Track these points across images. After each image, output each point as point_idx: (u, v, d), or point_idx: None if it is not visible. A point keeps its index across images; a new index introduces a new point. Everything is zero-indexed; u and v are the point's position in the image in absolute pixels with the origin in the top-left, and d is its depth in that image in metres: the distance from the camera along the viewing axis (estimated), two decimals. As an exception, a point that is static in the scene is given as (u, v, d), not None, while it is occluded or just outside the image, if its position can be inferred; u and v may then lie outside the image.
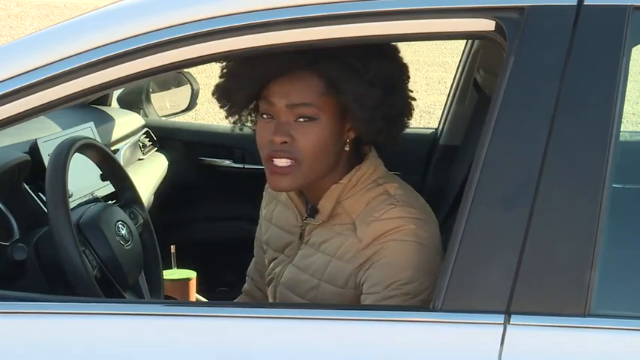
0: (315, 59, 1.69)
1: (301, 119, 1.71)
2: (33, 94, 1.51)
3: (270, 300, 1.93)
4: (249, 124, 1.85)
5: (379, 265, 1.70)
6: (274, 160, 1.73)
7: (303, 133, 1.71)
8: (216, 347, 1.45)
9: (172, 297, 2.23)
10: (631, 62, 1.43)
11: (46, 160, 2.23)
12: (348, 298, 1.74)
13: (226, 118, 1.85)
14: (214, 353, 1.44)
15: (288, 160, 1.72)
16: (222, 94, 1.82)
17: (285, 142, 1.71)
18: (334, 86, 1.70)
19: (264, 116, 1.75)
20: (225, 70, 1.80)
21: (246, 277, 2.13)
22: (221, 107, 1.84)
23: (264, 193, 2.03)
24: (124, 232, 1.95)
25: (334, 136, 1.74)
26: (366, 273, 1.71)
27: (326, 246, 1.79)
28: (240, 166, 3.29)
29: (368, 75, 1.70)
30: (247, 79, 1.74)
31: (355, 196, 1.77)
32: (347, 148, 1.77)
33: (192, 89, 3.45)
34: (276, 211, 1.96)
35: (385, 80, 1.72)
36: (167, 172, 3.17)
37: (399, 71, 1.79)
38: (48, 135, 2.45)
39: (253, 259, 2.12)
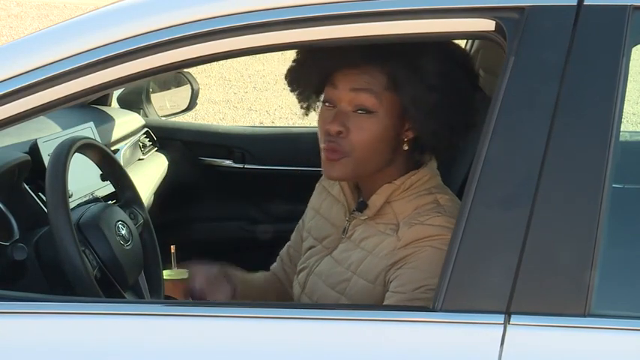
0: (382, 56, 1.72)
1: (360, 111, 1.74)
2: (33, 94, 1.51)
3: (299, 288, 1.94)
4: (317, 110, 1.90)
5: (411, 266, 1.71)
6: (327, 150, 1.77)
7: (358, 126, 1.74)
8: (216, 347, 1.45)
9: (172, 297, 2.23)
10: (631, 62, 1.43)
11: (46, 160, 2.23)
12: (376, 294, 1.75)
13: (299, 102, 1.90)
14: (214, 353, 1.44)
15: (339, 154, 1.76)
16: (292, 79, 1.88)
17: (341, 132, 1.74)
18: (396, 84, 1.73)
19: (326, 104, 1.79)
20: (295, 58, 1.86)
21: (278, 257, 2.15)
22: (291, 91, 1.90)
23: (317, 185, 2.06)
24: (124, 232, 1.95)
25: (389, 133, 1.76)
26: (397, 272, 1.72)
27: (366, 242, 1.81)
28: (240, 166, 3.29)
29: (430, 79, 1.71)
30: (315, 68, 1.80)
31: (405, 199, 1.79)
32: (405, 147, 1.79)
33: (192, 89, 3.45)
34: (325, 203, 1.99)
35: (450, 87, 1.73)
36: (167, 172, 3.17)
37: (467, 80, 1.79)
38: (48, 135, 2.44)
39: (288, 242, 2.14)
